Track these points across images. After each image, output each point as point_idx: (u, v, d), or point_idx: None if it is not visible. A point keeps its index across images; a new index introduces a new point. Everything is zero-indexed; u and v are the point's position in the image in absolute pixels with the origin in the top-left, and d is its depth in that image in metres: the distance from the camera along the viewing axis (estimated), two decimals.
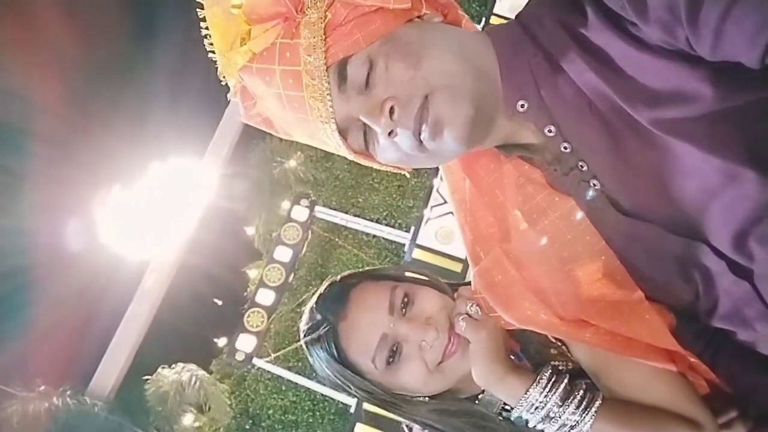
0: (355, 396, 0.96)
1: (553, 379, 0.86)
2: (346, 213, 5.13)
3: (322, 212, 5.18)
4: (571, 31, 0.72)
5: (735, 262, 0.73)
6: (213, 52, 0.82)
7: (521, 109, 0.76)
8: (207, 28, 0.81)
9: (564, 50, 0.72)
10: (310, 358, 0.97)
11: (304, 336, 0.96)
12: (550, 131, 0.77)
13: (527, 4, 0.79)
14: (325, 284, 1.00)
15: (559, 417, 0.84)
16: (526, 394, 0.85)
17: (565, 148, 0.77)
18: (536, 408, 0.85)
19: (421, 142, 0.74)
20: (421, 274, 1.01)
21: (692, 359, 0.83)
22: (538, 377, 0.86)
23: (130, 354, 3.98)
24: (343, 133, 0.78)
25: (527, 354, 0.94)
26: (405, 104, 0.72)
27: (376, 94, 0.74)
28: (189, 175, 4.66)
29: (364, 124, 0.76)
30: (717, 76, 0.66)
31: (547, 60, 0.74)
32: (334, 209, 5.14)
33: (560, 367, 0.90)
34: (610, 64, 0.70)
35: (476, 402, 0.95)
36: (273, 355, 4.52)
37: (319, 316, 0.95)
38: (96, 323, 4.12)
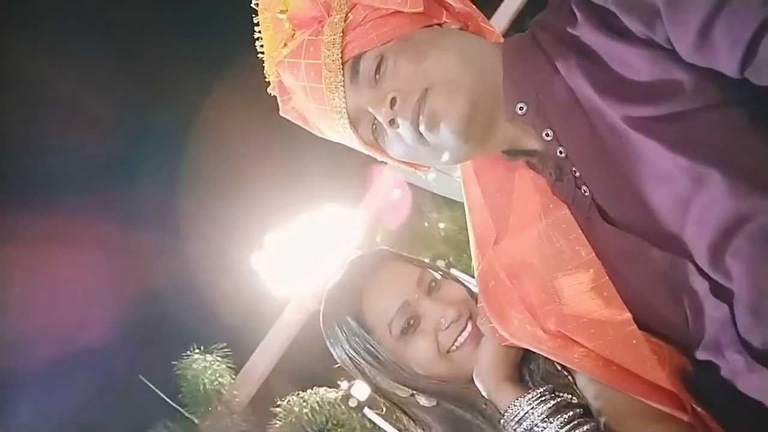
0: (356, 364, 0.97)
1: (545, 397, 0.84)
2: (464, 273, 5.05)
3: (456, 274, 5.13)
4: (564, 33, 0.74)
5: (716, 283, 0.68)
6: (262, 53, 0.93)
7: (520, 112, 0.78)
8: (260, 32, 0.93)
9: (559, 52, 0.74)
10: (328, 316, 0.99)
11: (332, 286, 1.01)
12: (547, 135, 0.77)
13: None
14: (368, 250, 1.06)
15: None
16: (514, 402, 0.84)
17: (561, 152, 0.77)
18: (521, 418, 0.83)
19: (421, 134, 0.78)
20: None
21: (699, 409, 0.75)
22: (532, 390, 0.85)
23: (258, 381, 4.20)
24: (354, 124, 0.84)
25: (533, 380, 0.92)
26: (405, 96, 0.77)
27: (383, 88, 0.80)
28: (341, 222, 4.90)
29: (374, 117, 0.81)
30: (696, 75, 0.65)
31: (548, 64, 0.76)
32: (470, 276, 5.07)
33: (565, 396, 0.86)
34: (598, 62, 0.71)
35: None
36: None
37: (353, 273, 1.00)
38: (234, 347, 4.40)
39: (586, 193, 0.76)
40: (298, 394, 4.14)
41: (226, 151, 4.28)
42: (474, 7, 0.89)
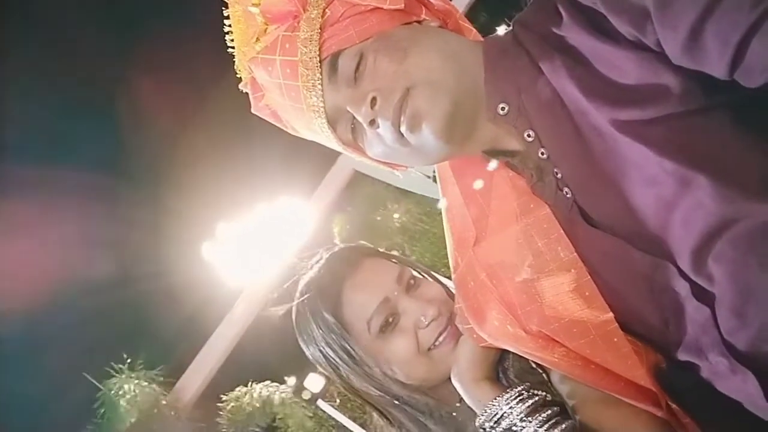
0: (330, 361, 0.95)
1: (523, 396, 0.84)
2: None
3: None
4: (549, 33, 0.73)
5: (698, 286, 0.69)
6: (233, 47, 0.90)
7: (502, 112, 0.77)
8: (230, 26, 0.89)
9: (544, 52, 0.73)
10: (304, 311, 0.97)
11: (309, 281, 0.98)
12: (529, 136, 0.77)
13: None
14: (346, 245, 1.03)
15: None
16: (493, 401, 0.84)
17: (542, 153, 0.76)
18: (500, 418, 0.83)
19: (402, 134, 0.76)
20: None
21: (673, 405, 0.76)
22: (510, 389, 0.85)
23: (209, 374, 4.14)
24: (332, 123, 0.82)
25: (507, 378, 0.91)
26: (386, 96, 0.75)
27: (362, 87, 0.78)
28: (295, 213, 4.86)
29: (353, 116, 0.79)
30: (684, 78, 0.65)
31: (531, 64, 0.75)
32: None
33: (542, 394, 0.86)
34: (584, 63, 0.70)
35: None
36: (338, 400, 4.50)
37: (331, 268, 0.97)
38: (186, 338, 4.33)
39: (567, 195, 0.76)
40: (247, 386, 4.11)
41: (180, 139, 4.18)
42: (453, 4, 0.88)
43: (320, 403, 4.55)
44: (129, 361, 3.61)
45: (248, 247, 4.77)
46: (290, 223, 4.95)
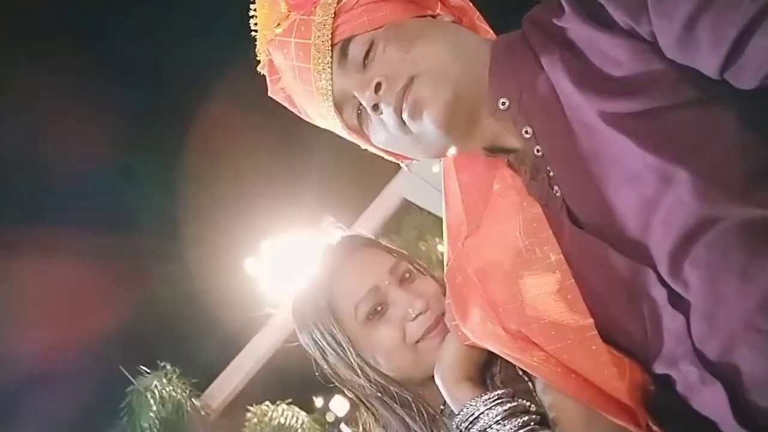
0: (318, 346, 0.96)
1: (502, 399, 0.82)
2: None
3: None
4: (552, 27, 0.74)
5: (675, 293, 0.67)
6: (256, 32, 0.94)
7: (502, 107, 0.77)
8: (255, 10, 0.93)
9: (545, 47, 0.74)
10: (299, 296, 0.99)
11: (309, 270, 1.00)
12: (526, 132, 0.77)
13: None
14: (353, 232, 1.05)
15: None
16: (471, 401, 0.83)
17: (538, 151, 0.76)
18: (475, 418, 0.81)
19: (403, 122, 0.77)
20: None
21: (655, 428, 0.73)
22: (490, 391, 0.84)
23: (239, 384, 4.17)
24: (338, 107, 0.84)
25: (493, 384, 0.90)
26: (391, 82, 0.77)
27: (370, 73, 0.80)
28: (337, 235, 4.88)
29: (360, 102, 0.81)
30: (675, 70, 0.64)
31: (534, 60, 0.75)
32: None
33: (523, 402, 0.84)
34: (579, 56, 0.71)
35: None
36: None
37: (329, 255, 0.99)
38: (222, 348, 4.39)
39: (557, 194, 0.76)
40: (274, 404, 4.11)
41: (231, 160, 4.30)
42: (470, 3, 0.89)
43: (343, 427, 4.51)
44: (164, 365, 3.67)
45: (289, 265, 4.83)
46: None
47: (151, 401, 3.39)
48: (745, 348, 0.63)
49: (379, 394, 0.94)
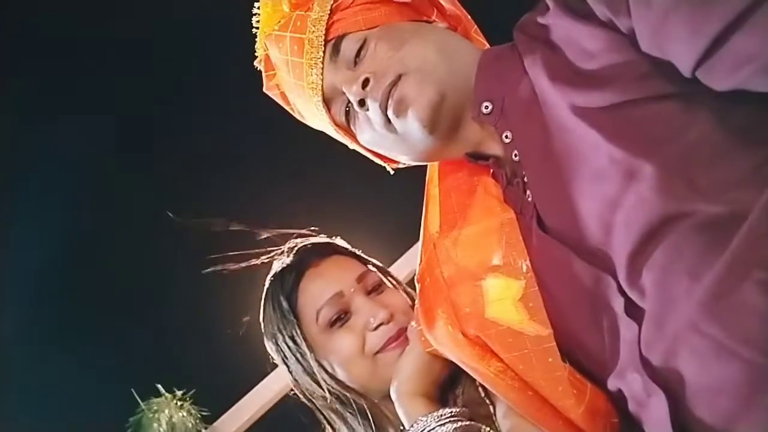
0: (280, 350, 0.94)
1: (455, 418, 0.80)
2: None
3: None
4: (536, 26, 0.74)
5: (631, 301, 0.64)
6: (257, 29, 0.96)
7: (485, 111, 0.77)
8: (258, 8, 0.95)
9: (529, 49, 0.74)
10: (265, 297, 0.98)
11: (275, 269, 0.98)
12: (506, 137, 0.76)
13: None
14: (324, 238, 1.03)
15: None
16: (423, 416, 0.80)
17: (515, 155, 0.75)
18: None
19: (389, 119, 0.78)
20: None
21: None
22: (444, 408, 0.81)
23: (247, 422, 4.10)
24: (327, 102, 0.85)
25: (455, 404, 0.86)
26: (378, 79, 0.78)
27: (360, 70, 0.81)
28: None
29: (348, 99, 0.81)
30: (649, 63, 0.62)
31: (519, 65, 0.76)
32: None
33: (478, 424, 0.81)
34: (557, 51, 0.70)
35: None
36: None
37: (298, 257, 0.98)
38: (236, 385, 4.35)
39: (529, 199, 0.74)
40: None
41: (261, 196, 4.38)
42: (466, 13, 0.90)
43: None
44: (174, 391, 3.65)
45: None
46: None
47: (160, 425, 3.35)
48: (687, 352, 0.59)
49: (336, 405, 0.90)
